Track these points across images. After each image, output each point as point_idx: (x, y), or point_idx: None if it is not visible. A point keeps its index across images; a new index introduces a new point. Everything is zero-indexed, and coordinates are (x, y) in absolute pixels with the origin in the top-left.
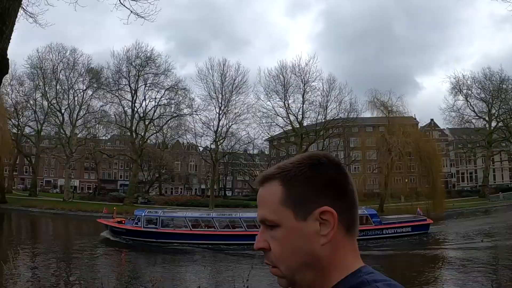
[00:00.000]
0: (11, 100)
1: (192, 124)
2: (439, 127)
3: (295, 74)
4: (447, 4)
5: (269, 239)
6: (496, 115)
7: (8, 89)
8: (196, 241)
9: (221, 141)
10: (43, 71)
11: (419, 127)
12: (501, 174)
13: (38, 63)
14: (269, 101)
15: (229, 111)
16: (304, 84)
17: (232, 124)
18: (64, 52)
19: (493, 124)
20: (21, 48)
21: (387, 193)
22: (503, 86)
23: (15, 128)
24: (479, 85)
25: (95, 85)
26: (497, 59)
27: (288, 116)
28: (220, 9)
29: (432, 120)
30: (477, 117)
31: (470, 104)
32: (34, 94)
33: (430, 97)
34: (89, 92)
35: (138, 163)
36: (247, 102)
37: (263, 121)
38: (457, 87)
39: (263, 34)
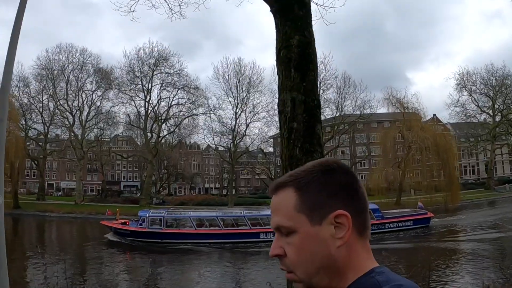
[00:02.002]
0: (18, 102)
1: (210, 123)
2: (441, 122)
3: None
4: (436, 0)
5: (285, 246)
6: (500, 109)
7: (15, 91)
8: (201, 240)
9: (239, 140)
10: (52, 71)
11: (421, 121)
12: (502, 166)
13: (47, 63)
14: None
15: (245, 110)
16: (320, 82)
17: (250, 123)
18: (75, 52)
19: (497, 118)
20: (17, 51)
21: (405, 186)
22: (507, 81)
23: (22, 131)
24: (483, 80)
25: (106, 86)
26: (488, 54)
27: None
28: (211, 9)
29: (434, 115)
30: (480, 111)
31: (475, 99)
32: (40, 96)
33: (422, 92)
34: (99, 93)
35: (153, 164)
36: (262, 100)
37: (277, 119)
38: (462, 83)
39: (255, 33)
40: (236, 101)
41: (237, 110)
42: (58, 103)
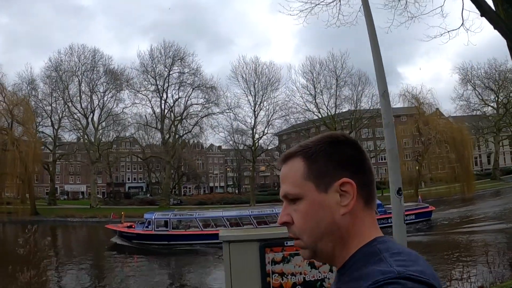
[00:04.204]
0: (28, 105)
1: (229, 122)
2: (444, 115)
3: (328, 70)
4: None
5: (292, 213)
6: (504, 103)
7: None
8: (208, 240)
9: (259, 137)
10: (65, 73)
11: (425, 115)
12: (504, 158)
13: (57, 65)
14: (301, 97)
15: (267, 108)
16: (337, 80)
17: (270, 120)
18: (87, 53)
19: (500, 111)
20: (9, 55)
21: (425, 178)
22: (510, 76)
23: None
24: (486, 75)
25: (118, 87)
26: (478, 48)
27: (319, 111)
28: (203, 10)
29: (437, 109)
30: (484, 105)
31: (479, 93)
32: (50, 99)
33: (414, 86)
34: (115, 94)
35: (171, 164)
36: (281, 98)
37: (293, 117)
38: (467, 78)
39: (246, 33)
40: (255, 99)
41: (256, 108)
42: (68, 105)
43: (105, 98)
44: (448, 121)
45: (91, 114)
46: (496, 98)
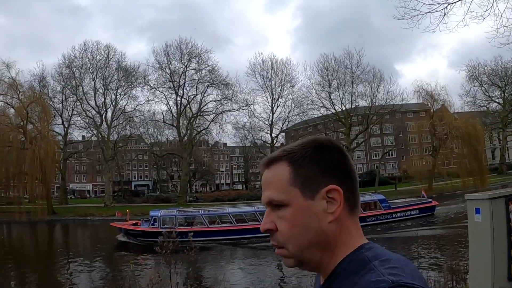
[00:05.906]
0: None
1: (247, 119)
2: (450, 111)
3: (344, 67)
4: None
5: (276, 220)
6: (510, 99)
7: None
8: (214, 237)
9: (278, 134)
10: (79, 69)
11: (432, 111)
12: (508, 153)
13: (72, 61)
14: (316, 93)
15: (285, 104)
16: (352, 76)
17: (289, 116)
18: (102, 50)
19: (507, 107)
20: (6, 56)
21: (441, 173)
22: None
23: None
24: (493, 71)
25: (133, 84)
26: (474, 45)
27: (334, 107)
28: (201, 10)
29: (443, 105)
30: (491, 101)
31: (486, 90)
32: (60, 96)
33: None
34: (128, 91)
35: (188, 162)
36: (299, 95)
37: (308, 113)
38: (474, 75)
39: (243, 32)
40: (272, 96)
41: (273, 105)
42: (81, 102)
43: (118, 96)
44: (462, 117)
45: (105, 111)
46: (502, 95)
